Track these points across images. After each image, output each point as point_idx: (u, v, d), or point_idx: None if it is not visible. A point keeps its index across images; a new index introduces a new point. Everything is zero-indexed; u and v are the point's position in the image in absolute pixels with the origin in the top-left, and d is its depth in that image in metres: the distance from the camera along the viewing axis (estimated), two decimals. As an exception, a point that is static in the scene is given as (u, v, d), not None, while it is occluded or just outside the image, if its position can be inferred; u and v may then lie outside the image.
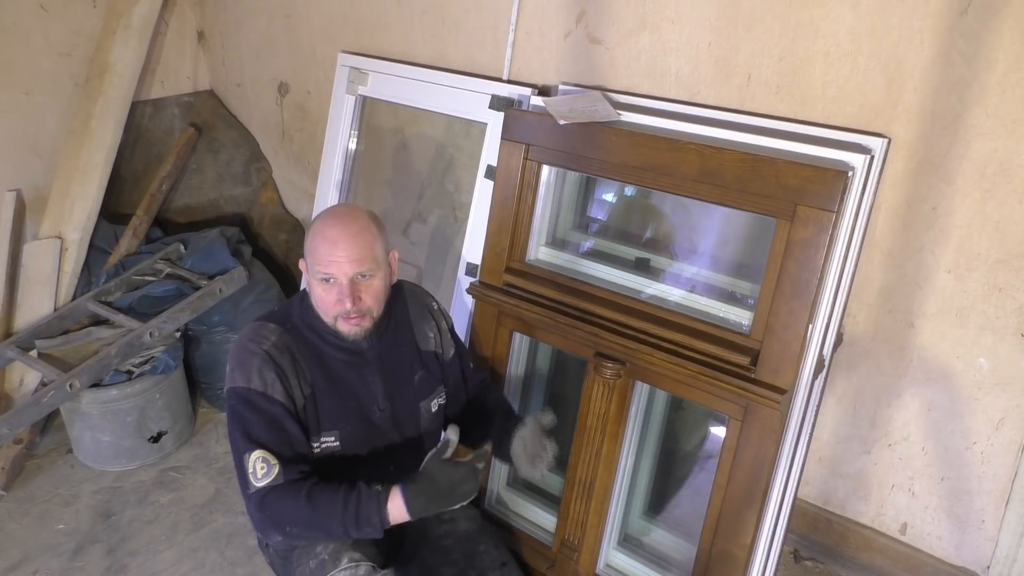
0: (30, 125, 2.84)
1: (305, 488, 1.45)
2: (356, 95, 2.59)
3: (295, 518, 1.46)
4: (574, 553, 1.97)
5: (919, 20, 1.61)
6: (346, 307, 1.52)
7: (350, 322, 1.55)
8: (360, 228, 1.54)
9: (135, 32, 2.84)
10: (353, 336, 1.58)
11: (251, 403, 1.50)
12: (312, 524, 1.46)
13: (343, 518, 1.43)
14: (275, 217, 3.35)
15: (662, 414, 2.07)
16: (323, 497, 1.44)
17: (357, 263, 1.51)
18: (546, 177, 2.05)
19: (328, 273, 1.51)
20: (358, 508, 1.42)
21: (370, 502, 1.43)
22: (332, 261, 1.50)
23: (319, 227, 1.55)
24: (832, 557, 2.17)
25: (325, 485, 1.46)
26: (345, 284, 1.51)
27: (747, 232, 1.93)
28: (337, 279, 1.52)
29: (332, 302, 1.54)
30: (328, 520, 1.44)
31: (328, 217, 1.57)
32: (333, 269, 1.51)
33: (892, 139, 1.71)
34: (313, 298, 1.57)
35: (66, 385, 2.31)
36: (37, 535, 2.30)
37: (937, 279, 1.78)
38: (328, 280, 1.52)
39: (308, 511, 1.44)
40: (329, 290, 1.53)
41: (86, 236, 2.78)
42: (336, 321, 1.56)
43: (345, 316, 1.54)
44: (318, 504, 1.43)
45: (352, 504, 1.43)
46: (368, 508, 1.43)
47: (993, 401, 1.79)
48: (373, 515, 1.42)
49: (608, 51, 2.07)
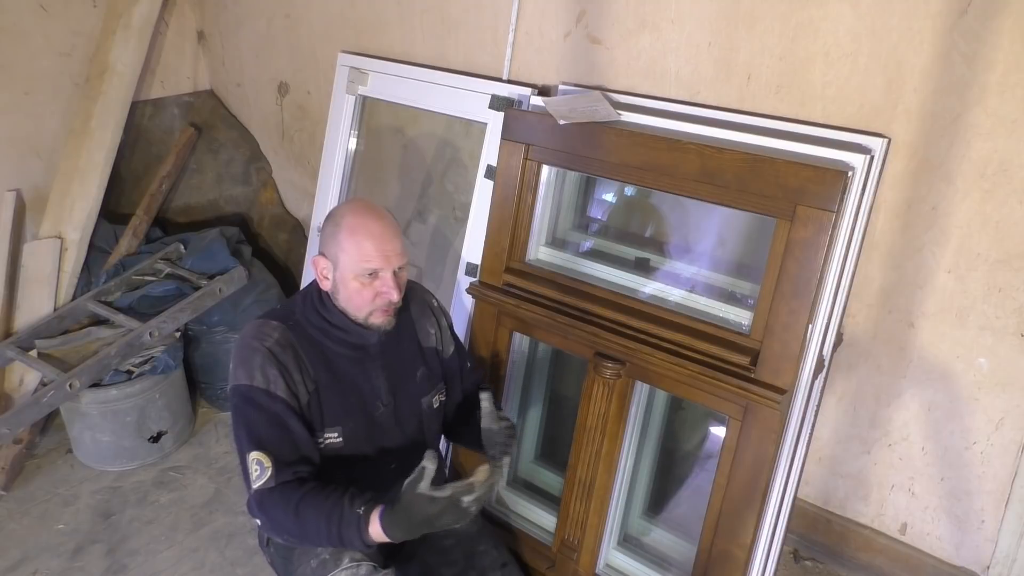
0: (30, 125, 2.84)
1: (296, 499, 1.44)
2: (356, 95, 2.59)
3: (287, 527, 1.46)
4: (574, 553, 1.97)
5: (919, 20, 1.61)
6: (394, 298, 1.55)
7: (387, 313, 1.58)
8: (393, 221, 1.58)
9: (135, 32, 2.84)
10: (386, 326, 1.60)
11: (254, 401, 1.50)
12: (301, 536, 1.47)
13: (328, 536, 1.43)
14: (275, 217, 3.35)
15: (662, 414, 2.07)
16: (310, 512, 1.43)
17: (401, 256, 1.56)
18: (546, 177, 2.06)
19: (377, 267, 1.53)
20: (340, 528, 1.41)
21: (350, 525, 1.41)
22: (381, 255, 1.52)
23: (357, 224, 1.54)
24: (832, 557, 2.17)
25: (315, 495, 1.44)
26: (390, 276, 1.54)
27: (747, 232, 1.93)
28: (384, 273, 1.54)
29: (371, 296, 1.55)
30: (315, 535, 1.44)
31: (363, 213, 1.56)
32: (383, 263, 1.53)
33: (892, 139, 1.71)
34: (344, 294, 1.56)
35: (66, 385, 2.31)
36: (37, 535, 2.30)
37: (937, 279, 1.78)
38: (373, 274, 1.53)
39: (296, 524, 1.44)
40: (368, 285, 1.54)
41: (86, 236, 2.78)
42: (371, 315, 1.57)
43: (385, 308, 1.57)
44: (304, 519, 1.43)
45: (335, 524, 1.42)
46: (349, 530, 1.41)
47: (993, 401, 1.79)
48: (354, 538, 1.41)
49: (608, 51, 2.07)
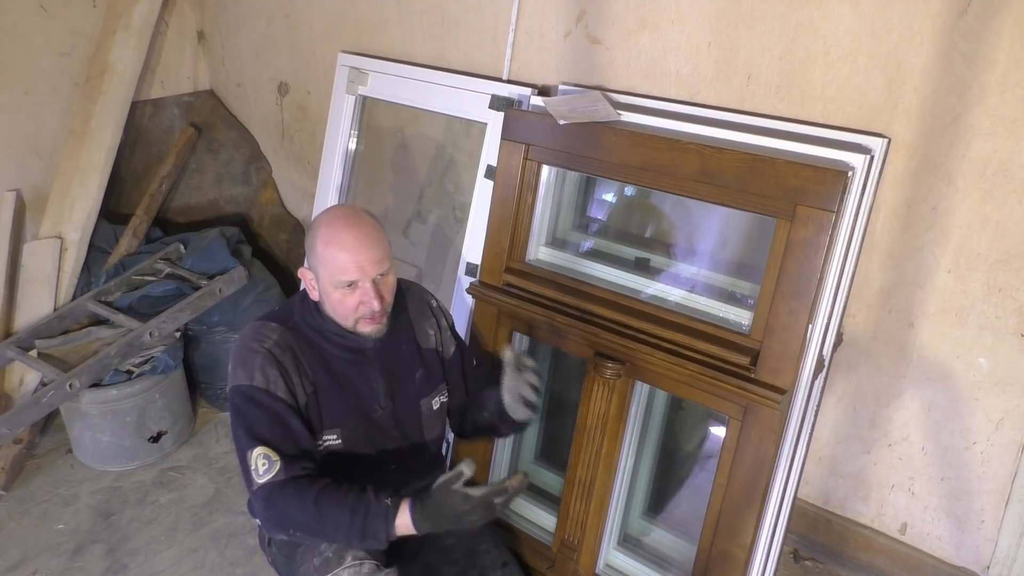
0: (30, 125, 2.84)
1: (314, 492, 1.42)
2: (356, 95, 2.59)
3: (300, 521, 1.44)
4: (574, 553, 1.97)
5: (919, 20, 1.61)
6: (375, 308, 1.52)
7: (375, 321, 1.56)
8: (371, 227, 1.54)
9: (135, 32, 2.84)
10: (376, 334, 1.58)
11: (254, 400, 1.49)
12: (316, 530, 1.45)
13: (349, 528, 1.41)
14: (275, 217, 3.35)
15: (662, 414, 2.07)
16: (331, 504, 1.41)
17: (378, 264, 1.52)
18: (546, 177, 2.05)
19: (352, 279, 1.50)
20: (365, 520, 1.40)
21: (378, 516, 1.40)
22: (355, 267, 1.49)
23: (329, 235, 1.51)
24: (832, 557, 2.17)
25: (335, 490, 1.43)
26: (370, 286, 1.51)
27: (747, 232, 1.93)
28: (362, 283, 1.51)
29: (353, 306, 1.53)
30: (334, 528, 1.42)
31: (336, 223, 1.53)
32: (357, 275, 1.50)
33: (892, 139, 1.71)
34: (329, 304, 1.56)
35: (66, 385, 2.31)
36: (37, 535, 2.30)
37: (937, 279, 1.78)
38: (350, 285, 1.51)
39: (314, 516, 1.42)
40: (349, 295, 1.52)
41: (86, 236, 2.78)
42: (357, 324, 1.56)
43: (370, 316, 1.54)
44: (325, 511, 1.41)
45: (360, 515, 1.40)
46: (376, 522, 1.40)
47: (993, 401, 1.79)
48: (380, 529, 1.40)
49: (608, 51, 2.07)
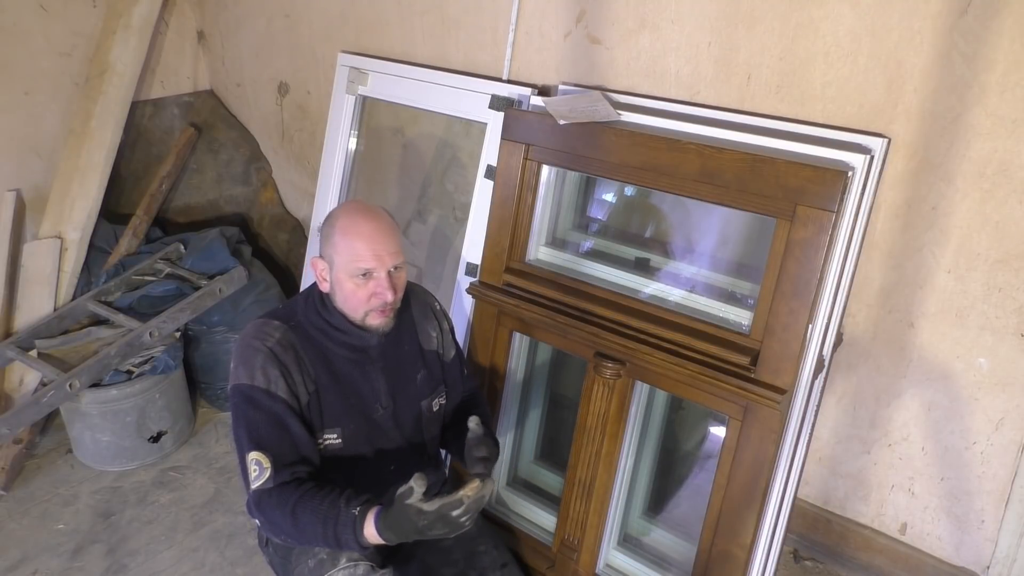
0: (30, 125, 2.84)
1: (292, 500, 1.44)
2: (356, 95, 2.59)
3: (284, 528, 1.47)
4: (574, 553, 1.97)
5: (919, 20, 1.61)
6: (388, 299, 1.55)
7: (384, 314, 1.58)
8: (388, 221, 1.58)
9: (135, 32, 2.84)
10: (383, 328, 1.60)
11: (254, 400, 1.50)
12: (299, 537, 1.47)
13: (324, 537, 1.43)
14: (275, 217, 3.35)
15: (662, 414, 2.07)
16: (307, 512, 1.43)
17: (395, 255, 1.55)
18: (546, 177, 2.05)
19: (370, 268, 1.53)
20: (336, 529, 1.42)
21: (346, 526, 1.41)
22: (373, 255, 1.52)
23: (348, 224, 1.55)
24: (832, 557, 2.17)
25: (311, 497, 1.44)
26: (384, 277, 1.54)
27: (747, 232, 1.93)
28: (378, 273, 1.54)
29: (366, 297, 1.55)
30: (312, 536, 1.45)
31: (356, 215, 1.57)
32: (375, 263, 1.53)
33: (892, 139, 1.71)
34: (341, 295, 1.57)
35: (66, 385, 2.31)
36: (37, 535, 2.30)
37: (937, 279, 1.78)
38: (366, 275, 1.53)
39: (293, 524, 1.44)
40: (363, 285, 1.54)
41: (86, 236, 2.78)
42: (367, 316, 1.57)
43: (381, 309, 1.56)
44: (302, 519, 1.43)
45: (331, 524, 1.42)
46: (345, 531, 1.41)
47: (993, 401, 1.79)
48: (350, 538, 1.42)
49: (608, 51, 2.07)
